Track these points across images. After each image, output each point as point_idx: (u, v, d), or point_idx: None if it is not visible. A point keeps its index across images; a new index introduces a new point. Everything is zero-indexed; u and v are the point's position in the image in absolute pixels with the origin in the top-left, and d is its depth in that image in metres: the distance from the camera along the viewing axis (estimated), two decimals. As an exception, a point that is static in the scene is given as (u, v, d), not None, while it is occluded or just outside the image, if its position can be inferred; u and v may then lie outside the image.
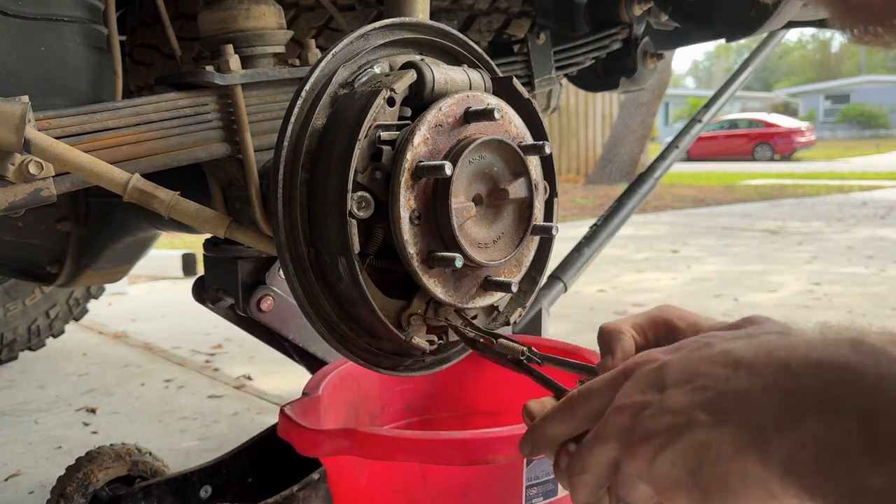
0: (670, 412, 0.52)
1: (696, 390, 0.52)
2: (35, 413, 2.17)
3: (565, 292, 1.79)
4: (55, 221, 1.45)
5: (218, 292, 1.25)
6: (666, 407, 0.52)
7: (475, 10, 1.49)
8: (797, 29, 1.71)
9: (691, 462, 0.50)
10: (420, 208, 0.72)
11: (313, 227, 0.75)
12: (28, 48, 0.86)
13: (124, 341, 2.97)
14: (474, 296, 0.78)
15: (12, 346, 2.45)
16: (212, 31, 0.96)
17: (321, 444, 0.91)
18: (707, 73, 72.81)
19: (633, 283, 3.96)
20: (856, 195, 9.04)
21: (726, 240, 5.51)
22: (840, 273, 4.05)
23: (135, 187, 0.81)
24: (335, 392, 1.13)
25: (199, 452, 1.84)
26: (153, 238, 1.56)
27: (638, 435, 0.53)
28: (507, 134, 0.78)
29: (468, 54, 0.84)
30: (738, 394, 0.49)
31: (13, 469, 1.78)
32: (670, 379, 0.54)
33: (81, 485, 1.23)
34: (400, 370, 0.83)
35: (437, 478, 0.93)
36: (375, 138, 0.73)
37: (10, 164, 0.75)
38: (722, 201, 8.70)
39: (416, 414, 1.32)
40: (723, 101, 2.15)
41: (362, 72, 0.78)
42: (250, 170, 0.92)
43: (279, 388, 2.33)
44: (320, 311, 0.77)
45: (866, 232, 5.71)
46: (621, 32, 1.64)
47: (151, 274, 4.25)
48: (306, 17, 1.38)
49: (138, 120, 0.86)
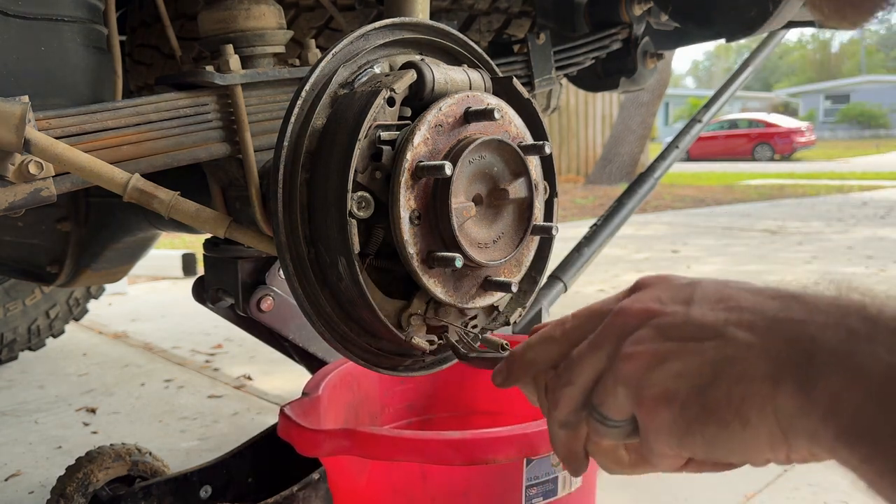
0: (696, 324, 0.45)
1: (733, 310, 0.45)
2: (35, 413, 2.17)
3: (565, 292, 1.79)
4: (55, 221, 1.45)
5: (218, 292, 1.25)
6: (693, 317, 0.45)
7: (475, 10, 1.49)
8: (797, 29, 1.71)
9: (704, 375, 0.43)
10: (420, 208, 0.72)
11: (313, 227, 0.75)
12: (28, 48, 0.86)
13: (124, 341, 2.97)
14: (474, 296, 0.78)
15: (12, 346, 2.45)
16: (212, 31, 0.96)
17: (321, 444, 0.91)
18: (707, 73, 72.81)
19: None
20: (856, 195, 9.04)
21: (726, 240, 5.51)
22: (840, 273, 4.04)
23: (135, 187, 0.81)
24: (335, 392, 1.13)
25: (199, 452, 1.84)
26: (153, 238, 1.56)
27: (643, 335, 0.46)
28: (507, 134, 0.78)
29: (468, 54, 0.84)
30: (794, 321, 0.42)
31: (13, 469, 1.78)
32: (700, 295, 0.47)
33: (81, 485, 1.23)
34: (400, 370, 0.83)
35: (437, 478, 0.93)
36: (375, 138, 0.73)
37: (10, 164, 0.75)
38: (722, 201, 8.70)
39: (416, 414, 1.32)
40: (723, 101, 2.15)
41: (362, 72, 0.78)
42: (250, 170, 0.91)
43: (279, 388, 2.33)
44: (320, 311, 0.77)
45: (866, 232, 5.70)
46: (621, 32, 1.64)
47: (151, 274, 4.25)
48: (306, 17, 1.38)
49: (138, 120, 0.86)
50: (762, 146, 20.33)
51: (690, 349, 0.44)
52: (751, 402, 0.42)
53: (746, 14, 1.41)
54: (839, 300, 0.43)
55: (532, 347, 0.56)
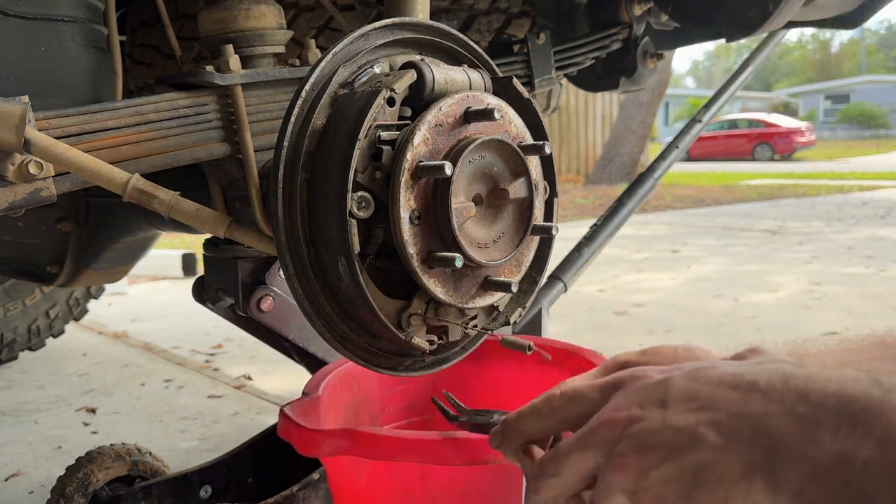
0: (672, 429, 0.50)
1: (703, 410, 0.50)
2: (35, 413, 2.17)
3: (565, 292, 1.79)
4: (55, 221, 1.45)
5: (218, 292, 1.25)
6: (669, 423, 0.50)
7: (475, 10, 1.49)
8: (797, 29, 1.71)
9: (688, 481, 0.48)
10: (420, 208, 0.72)
11: (313, 227, 0.75)
12: (28, 48, 0.86)
13: (124, 341, 2.97)
14: (474, 296, 0.78)
15: (12, 346, 2.45)
16: (212, 31, 0.96)
17: (321, 444, 0.91)
18: (707, 73, 72.82)
19: (633, 283, 3.96)
20: (856, 195, 9.04)
21: (726, 240, 5.51)
22: (840, 273, 4.04)
23: (135, 187, 0.81)
24: (335, 392, 1.13)
25: (199, 452, 1.84)
26: (153, 238, 1.56)
27: (630, 447, 0.51)
28: (507, 134, 0.78)
29: (468, 54, 0.84)
30: (753, 416, 0.47)
31: (13, 469, 1.78)
32: (673, 396, 0.52)
33: (81, 485, 1.23)
34: (400, 370, 0.83)
35: (437, 478, 0.93)
36: (375, 138, 0.73)
37: (10, 164, 0.75)
38: (722, 201, 8.70)
39: (416, 414, 1.32)
40: (723, 101, 2.15)
41: (362, 72, 0.78)
42: (250, 170, 0.91)
43: (279, 388, 2.33)
44: (320, 311, 0.77)
45: (866, 232, 5.71)
46: (621, 32, 1.64)
47: (151, 274, 4.26)
48: (306, 17, 1.38)
49: (138, 120, 0.86)
50: (762, 146, 20.33)
51: (672, 456, 0.49)
52: (733, 501, 0.46)
53: (746, 14, 1.41)
54: (789, 381, 0.47)
55: (524, 418, 0.61)
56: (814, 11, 1.56)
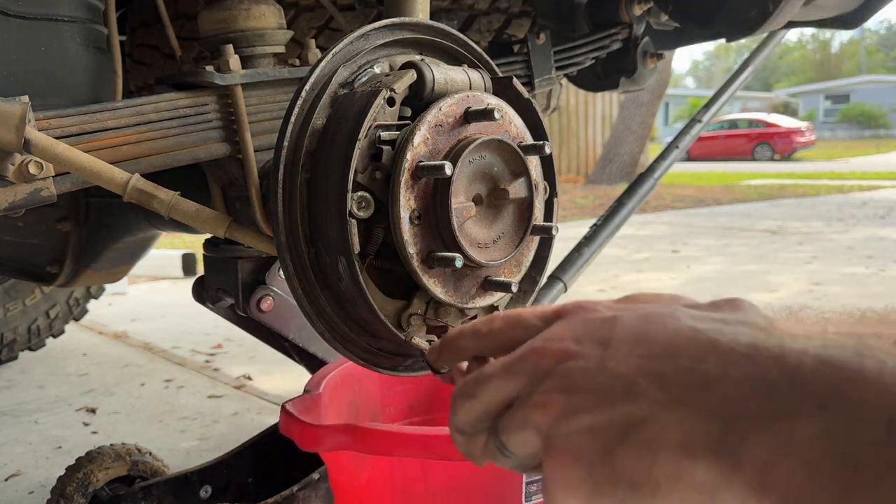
0: (608, 373, 0.43)
1: (648, 358, 0.43)
2: (35, 413, 2.17)
3: (565, 292, 1.79)
4: (55, 221, 1.45)
5: (218, 292, 1.25)
6: (606, 366, 0.44)
7: (475, 10, 1.49)
8: (797, 29, 1.71)
9: (613, 436, 0.42)
10: (420, 208, 0.72)
11: (313, 227, 0.75)
12: (28, 48, 0.86)
13: (124, 341, 2.97)
14: (474, 296, 0.78)
15: (12, 346, 2.45)
16: (212, 31, 0.96)
17: (322, 439, 0.91)
18: (707, 73, 72.82)
19: (633, 283, 3.96)
20: (856, 195, 9.04)
21: (726, 240, 5.51)
22: (840, 273, 4.05)
23: (135, 187, 0.81)
24: (336, 391, 1.13)
25: (199, 452, 1.85)
26: (153, 238, 1.56)
27: (557, 385, 0.45)
28: (507, 134, 0.78)
29: (468, 54, 0.85)
30: (703, 377, 0.40)
31: (13, 469, 1.78)
32: (618, 336, 0.45)
33: (81, 485, 1.23)
34: (400, 370, 0.84)
35: (437, 474, 0.93)
36: (375, 138, 0.73)
37: (10, 164, 0.76)
38: (722, 201, 8.70)
39: (416, 414, 1.32)
40: (723, 101, 2.15)
41: (362, 72, 0.78)
42: (250, 170, 0.92)
43: (279, 388, 2.33)
44: (320, 311, 0.77)
45: (866, 232, 5.71)
46: (621, 32, 1.64)
47: (151, 274, 4.25)
48: (306, 17, 1.38)
49: (138, 120, 0.86)
50: (762, 146, 20.33)
51: (601, 403, 0.43)
52: (660, 470, 0.40)
53: (746, 14, 1.41)
54: (758, 346, 0.40)
55: (463, 336, 0.57)
56: (814, 11, 1.56)
